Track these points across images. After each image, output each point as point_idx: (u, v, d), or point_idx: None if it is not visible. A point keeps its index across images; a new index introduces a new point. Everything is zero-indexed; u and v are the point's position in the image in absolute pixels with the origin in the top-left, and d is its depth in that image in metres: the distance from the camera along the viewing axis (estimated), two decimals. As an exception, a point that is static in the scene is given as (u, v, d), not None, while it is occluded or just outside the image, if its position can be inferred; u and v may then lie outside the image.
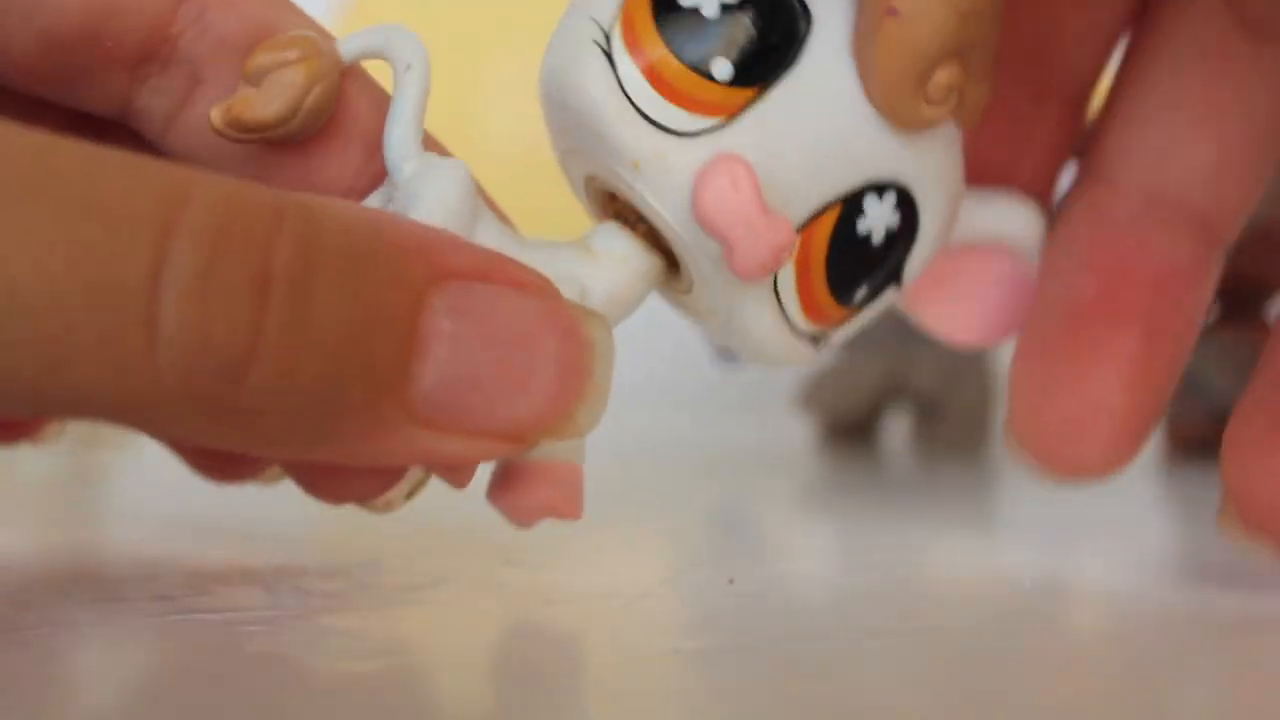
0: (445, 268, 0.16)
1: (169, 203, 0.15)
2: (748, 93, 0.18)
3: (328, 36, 0.20)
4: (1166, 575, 0.26)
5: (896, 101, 0.19)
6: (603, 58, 0.19)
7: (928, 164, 0.20)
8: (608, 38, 0.19)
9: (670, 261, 0.20)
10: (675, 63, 0.18)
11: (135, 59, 0.20)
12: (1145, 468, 0.41)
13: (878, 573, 0.24)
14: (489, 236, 0.19)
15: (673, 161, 0.18)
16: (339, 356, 0.16)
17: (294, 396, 0.15)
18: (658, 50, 0.19)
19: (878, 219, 0.19)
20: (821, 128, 0.19)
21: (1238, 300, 0.43)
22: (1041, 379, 0.22)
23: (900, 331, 0.40)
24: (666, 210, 0.19)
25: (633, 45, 0.19)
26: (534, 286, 0.17)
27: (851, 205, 0.19)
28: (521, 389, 0.17)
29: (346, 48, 0.19)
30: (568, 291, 0.18)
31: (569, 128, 0.20)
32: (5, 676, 0.16)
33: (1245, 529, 0.20)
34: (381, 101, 0.20)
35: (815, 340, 0.20)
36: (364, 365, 0.16)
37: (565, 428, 0.17)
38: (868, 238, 0.19)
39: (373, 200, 0.20)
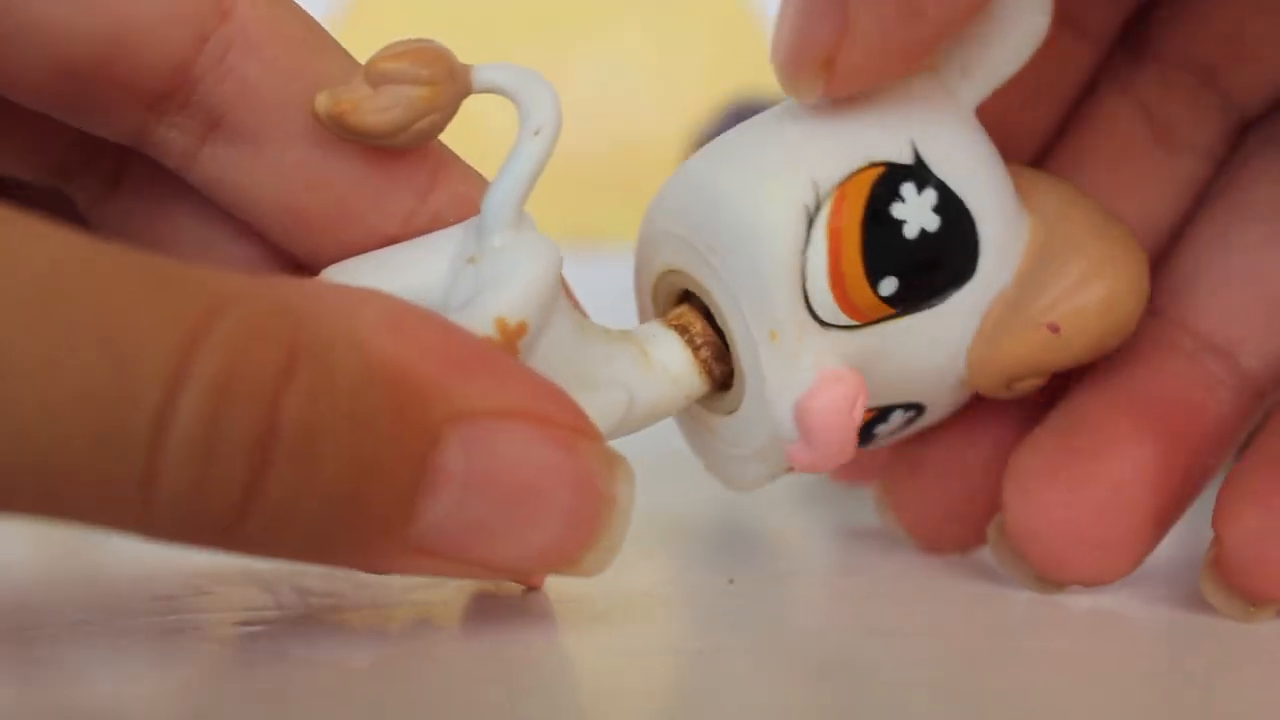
0: (466, 408, 0.16)
1: (183, 341, 0.14)
2: (889, 310, 0.19)
3: (459, 63, 0.19)
4: (1166, 575, 0.26)
5: (989, 385, 0.21)
6: (804, 225, 0.19)
7: None
8: (818, 208, 0.19)
9: (715, 387, 0.20)
10: (859, 268, 0.19)
11: (152, 95, 0.19)
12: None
13: (878, 573, 0.24)
14: (561, 327, 0.18)
15: (806, 348, 0.19)
16: (340, 504, 0.15)
17: (290, 539, 0.15)
18: (852, 251, 0.19)
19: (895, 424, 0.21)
20: (918, 364, 0.20)
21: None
22: (1051, 476, 0.21)
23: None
24: (777, 382, 0.19)
25: (834, 234, 0.19)
26: (561, 430, 0.17)
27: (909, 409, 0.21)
28: (526, 535, 0.16)
29: (480, 77, 0.19)
30: (616, 397, 0.19)
31: (712, 238, 0.19)
32: (6, 676, 0.16)
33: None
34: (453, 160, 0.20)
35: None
36: (365, 511, 0.15)
37: (570, 571, 0.17)
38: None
39: (449, 241, 0.19)
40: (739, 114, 0.43)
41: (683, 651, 0.18)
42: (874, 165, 0.19)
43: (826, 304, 0.19)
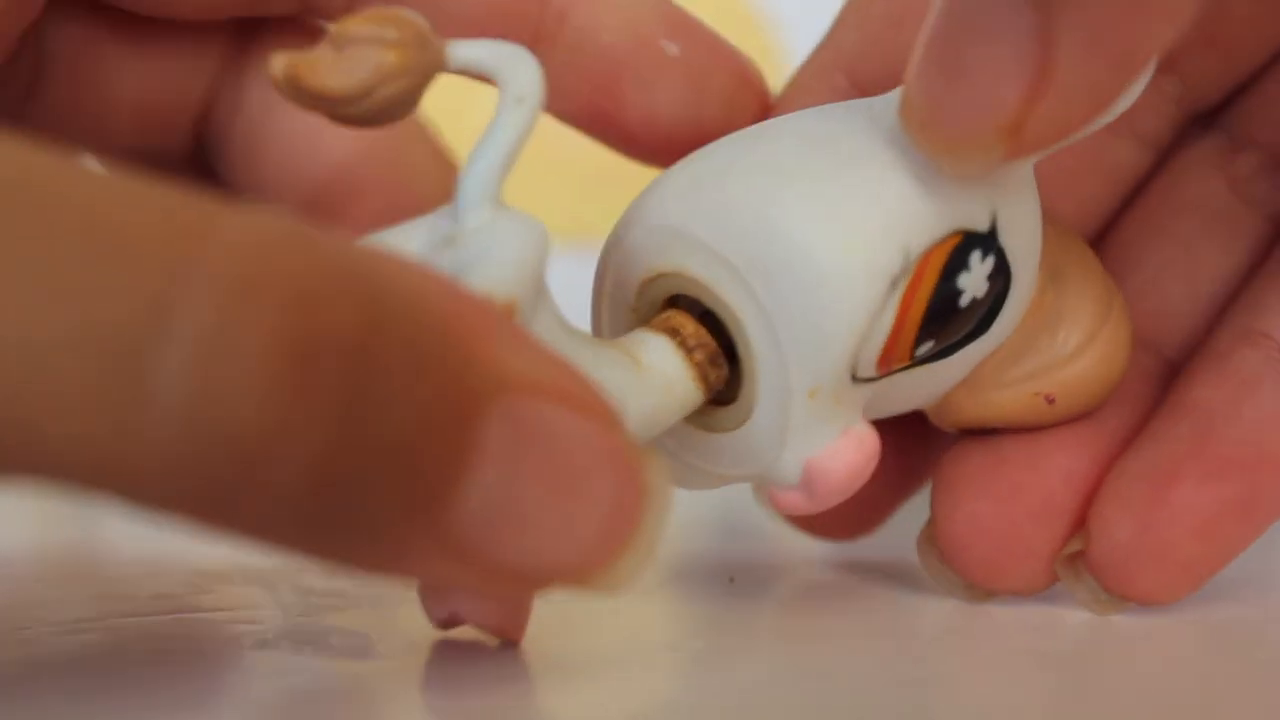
0: (512, 378, 0.14)
1: (186, 236, 0.12)
2: (909, 362, 0.19)
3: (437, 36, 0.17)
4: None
5: (952, 423, 0.20)
6: (885, 296, 0.18)
7: None
8: (896, 282, 0.18)
9: (708, 396, 0.19)
10: (914, 335, 0.18)
11: None
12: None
13: (878, 573, 0.24)
14: (548, 320, 0.17)
15: (840, 407, 0.18)
16: (382, 464, 0.13)
17: (313, 504, 0.13)
18: (915, 320, 0.18)
19: None
20: (903, 402, 0.20)
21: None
22: (982, 486, 0.20)
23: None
24: (800, 435, 0.18)
25: (905, 305, 0.18)
26: (600, 414, 0.15)
27: None
28: (567, 531, 0.14)
29: (456, 54, 0.17)
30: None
31: (772, 276, 0.18)
32: (6, 677, 0.16)
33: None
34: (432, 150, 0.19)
35: None
36: (404, 477, 0.13)
37: (602, 580, 0.15)
38: None
39: (418, 229, 0.17)
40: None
41: (683, 651, 0.18)
42: (958, 233, 0.18)
43: (868, 364, 0.18)
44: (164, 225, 0.12)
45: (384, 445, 0.13)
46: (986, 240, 0.18)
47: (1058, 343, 0.20)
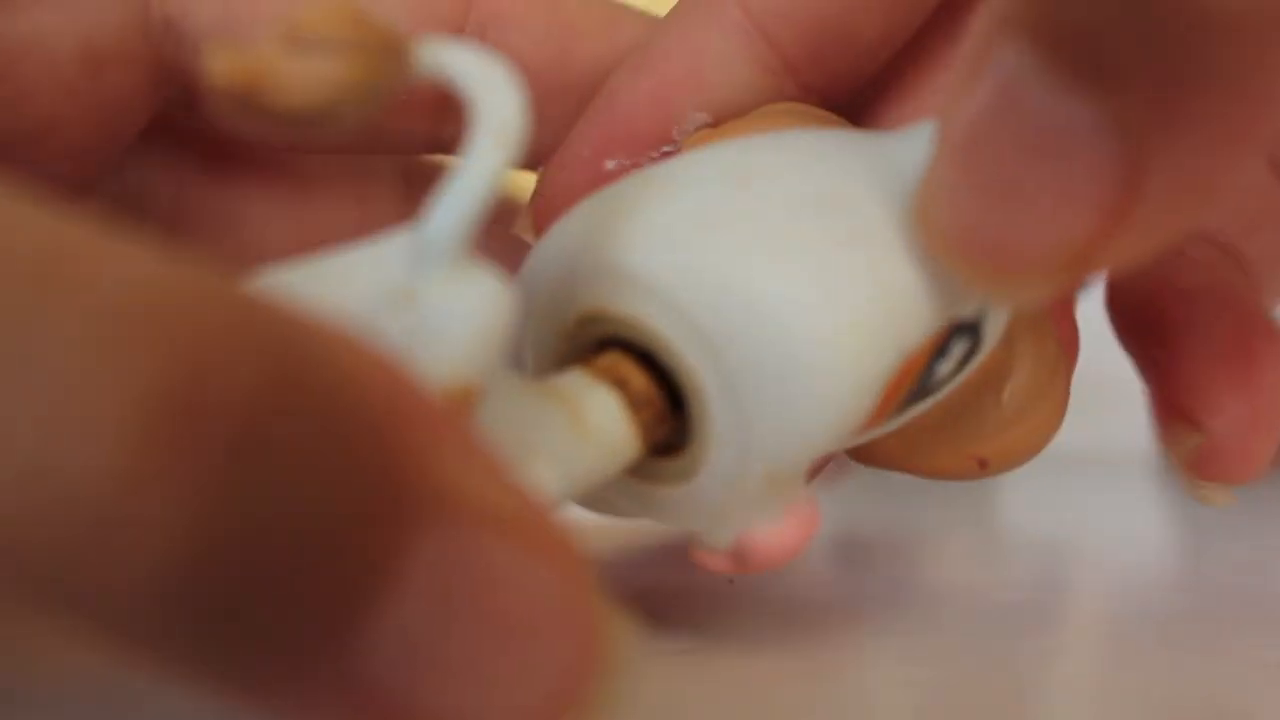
0: (455, 498, 0.12)
1: (64, 261, 0.10)
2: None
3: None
4: (1166, 575, 0.26)
5: (870, 464, 0.20)
6: (873, 398, 0.16)
7: None
8: (885, 383, 0.16)
9: (654, 450, 0.17)
10: (877, 427, 0.17)
11: (433, 100, 0.19)
12: (1145, 467, 0.41)
13: (878, 573, 0.24)
14: (499, 385, 0.15)
15: (791, 487, 0.17)
16: (275, 562, 0.11)
17: (182, 595, 0.10)
18: (889, 410, 0.17)
19: None
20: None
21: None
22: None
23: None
24: (744, 508, 0.17)
25: (885, 400, 0.16)
26: (560, 559, 0.12)
27: None
28: (502, 694, 0.12)
29: (426, 60, 0.14)
30: (545, 467, 0.15)
31: (748, 352, 0.16)
32: (7, 678, 0.16)
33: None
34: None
35: None
36: (303, 585, 0.11)
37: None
38: None
39: (365, 262, 0.14)
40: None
41: (682, 651, 0.18)
42: (949, 324, 0.16)
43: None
44: (45, 248, 0.10)
45: (279, 539, 0.11)
46: (972, 327, 0.17)
47: (1002, 403, 0.19)
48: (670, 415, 0.16)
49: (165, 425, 0.10)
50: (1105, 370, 0.24)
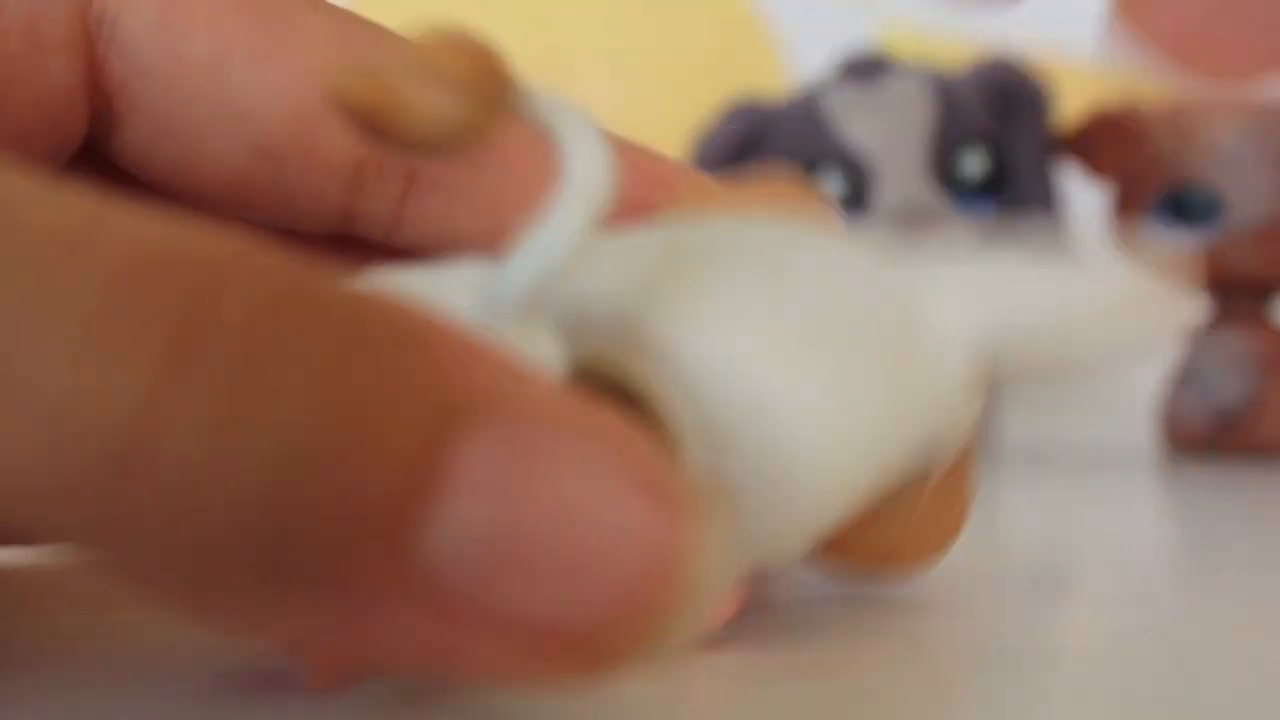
0: (496, 401, 0.11)
1: (81, 227, 0.11)
2: None
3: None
4: (1166, 575, 0.26)
5: None
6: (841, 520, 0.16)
7: None
8: None
9: None
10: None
11: (349, 165, 0.19)
12: (1145, 467, 0.41)
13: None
14: None
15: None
16: (297, 469, 0.10)
17: (213, 514, 0.10)
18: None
19: None
20: None
21: (1237, 300, 0.43)
22: None
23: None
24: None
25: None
26: (621, 438, 0.12)
27: None
28: (580, 576, 0.11)
29: (532, 107, 0.14)
30: None
31: (751, 460, 0.16)
32: (6, 679, 0.16)
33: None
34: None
35: None
36: (342, 491, 0.11)
37: (642, 639, 0.11)
38: None
39: (465, 284, 0.15)
40: (739, 114, 0.43)
41: (682, 652, 0.18)
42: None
43: None
44: (57, 217, 0.11)
45: (299, 446, 0.11)
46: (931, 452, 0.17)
47: (912, 507, 0.18)
48: None
49: (182, 346, 0.10)
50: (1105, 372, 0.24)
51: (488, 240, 0.19)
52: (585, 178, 0.14)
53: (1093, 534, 0.30)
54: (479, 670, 0.12)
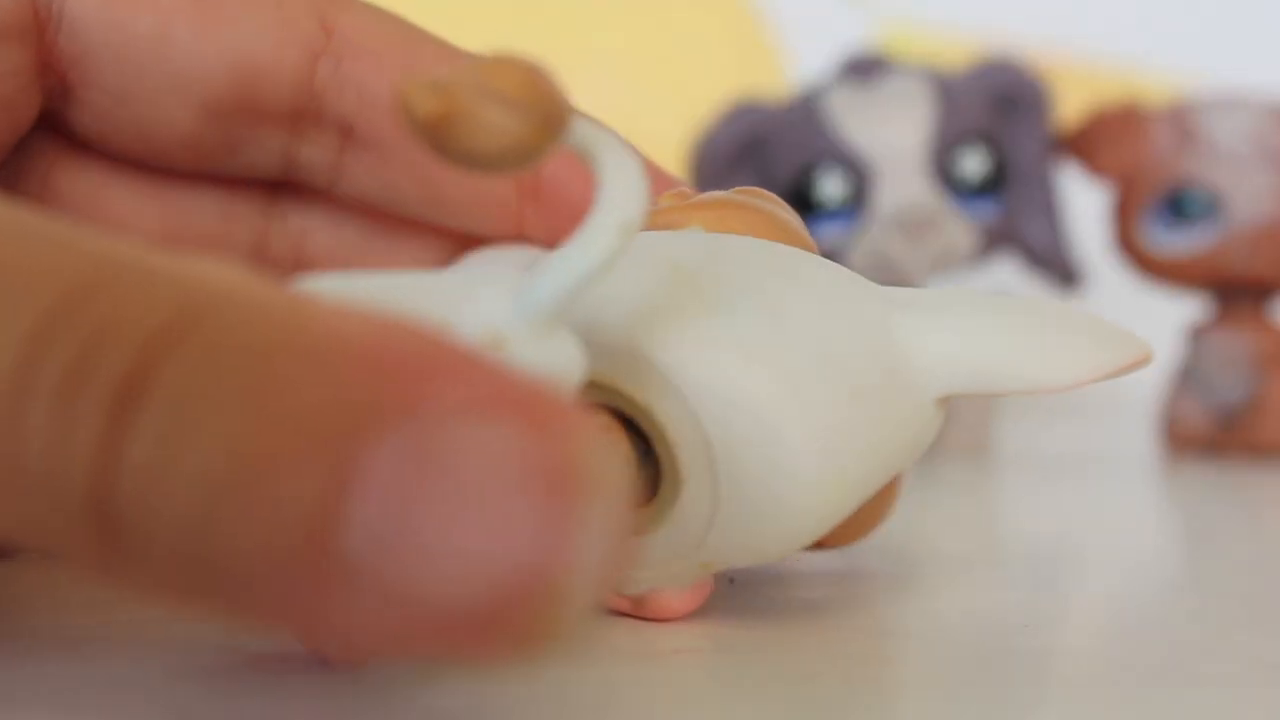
0: (405, 401, 0.12)
1: (55, 300, 0.13)
2: None
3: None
4: (1166, 575, 0.26)
5: None
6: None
7: None
8: None
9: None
10: None
11: (289, 117, 0.21)
12: (1145, 467, 0.41)
13: (878, 573, 0.24)
14: None
15: (710, 571, 0.19)
16: (223, 490, 0.12)
17: (169, 533, 0.12)
18: None
19: None
20: None
21: (1237, 300, 0.43)
22: None
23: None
24: (666, 576, 0.19)
25: None
26: (533, 411, 0.12)
27: None
28: (470, 559, 0.12)
29: (576, 133, 0.15)
30: None
31: (744, 465, 0.17)
32: (6, 679, 0.16)
33: None
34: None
35: None
36: (263, 507, 0.12)
37: (535, 620, 0.12)
38: None
39: (494, 292, 0.16)
40: (739, 114, 0.43)
41: (683, 651, 0.18)
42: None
43: None
44: (56, 268, 0.13)
45: (224, 464, 0.12)
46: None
47: None
48: (637, 484, 0.18)
49: (77, 359, 0.12)
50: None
51: (422, 203, 0.21)
52: (622, 203, 0.15)
53: (1093, 534, 0.30)
54: (418, 653, 0.13)
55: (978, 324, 0.19)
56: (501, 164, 0.14)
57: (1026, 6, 0.65)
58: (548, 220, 0.22)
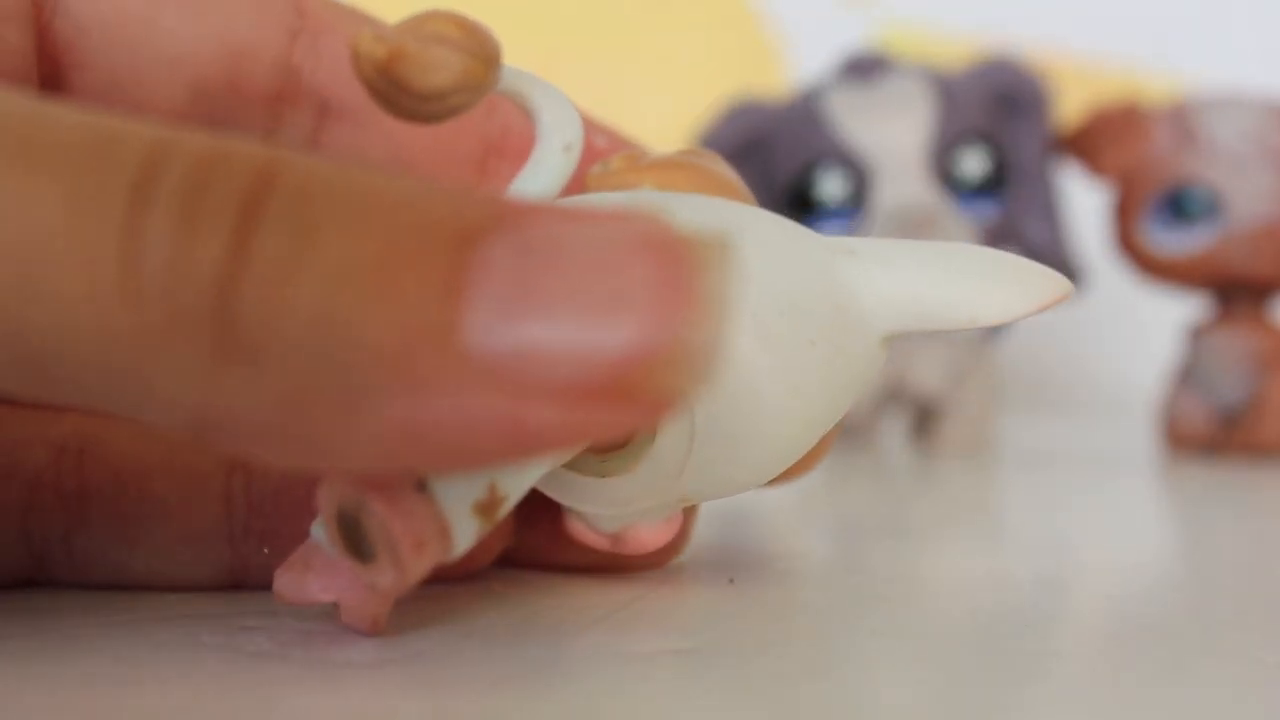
0: (509, 213, 0.14)
1: (159, 138, 0.14)
2: None
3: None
4: (1166, 575, 0.26)
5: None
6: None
7: None
8: None
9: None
10: None
11: (271, 96, 0.21)
12: (1145, 467, 0.41)
13: (878, 573, 0.24)
14: None
15: (683, 504, 0.20)
16: (351, 285, 0.13)
17: (294, 329, 0.13)
18: None
19: None
20: None
21: (1237, 300, 0.43)
22: None
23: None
24: (644, 511, 0.20)
25: None
26: (624, 218, 0.14)
27: None
28: (605, 326, 0.13)
29: (505, 77, 0.17)
30: (474, 486, 0.17)
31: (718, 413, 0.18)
32: (5, 680, 0.16)
33: None
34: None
35: None
36: (389, 300, 0.13)
37: (672, 357, 0.13)
38: None
39: None
40: (739, 114, 0.43)
41: (683, 651, 0.18)
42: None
43: None
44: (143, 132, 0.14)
45: (348, 267, 0.13)
46: None
47: None
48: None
49: (197, 171, 0.13)
50: (1105, 372, 0.24)
51: (394, 166, 0.22)
52: (561, 127, 0.17)
53: (1093, 534, 0.30)
54: (540, 441, 0.13)
55: (917, 267, 0.20)
56: (454, 98, 0.16)
57: (1026, 6, 0.65)
58: (513, 173, 0.23)
